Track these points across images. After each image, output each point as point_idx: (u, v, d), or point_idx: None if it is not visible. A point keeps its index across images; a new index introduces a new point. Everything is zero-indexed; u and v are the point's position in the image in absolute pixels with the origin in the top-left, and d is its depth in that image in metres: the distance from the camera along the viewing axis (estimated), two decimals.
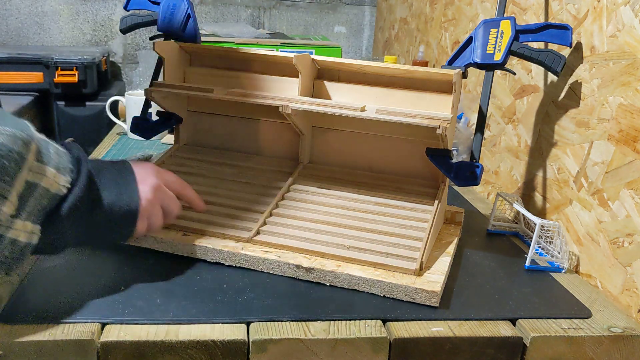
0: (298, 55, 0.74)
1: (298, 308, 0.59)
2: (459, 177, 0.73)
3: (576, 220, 0.78)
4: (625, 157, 0.69)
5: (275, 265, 0.66)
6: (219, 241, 0.69)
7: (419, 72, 0.74)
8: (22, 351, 0.51)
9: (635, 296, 0.66)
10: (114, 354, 0.53)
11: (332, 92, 0.80)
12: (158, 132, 0.86)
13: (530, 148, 0.91)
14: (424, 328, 0.58)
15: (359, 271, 0.64)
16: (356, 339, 0.55)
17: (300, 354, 0.55)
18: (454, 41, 1.28)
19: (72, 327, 0.54)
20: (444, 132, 0.67)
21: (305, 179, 0.80)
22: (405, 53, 1.68)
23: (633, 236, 0.67)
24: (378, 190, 0.78)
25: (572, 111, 0.80)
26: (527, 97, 0.93)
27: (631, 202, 0.68)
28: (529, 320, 0.61)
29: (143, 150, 1.14)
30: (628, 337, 0.60)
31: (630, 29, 0.70)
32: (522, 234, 0.85)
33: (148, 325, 0.55)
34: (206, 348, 0.53)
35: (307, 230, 0.71)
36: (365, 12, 2.16)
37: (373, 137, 0.81)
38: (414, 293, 0.62)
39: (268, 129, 0.85)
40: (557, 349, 0.59)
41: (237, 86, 0.83)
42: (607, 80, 0.73)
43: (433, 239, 0.72)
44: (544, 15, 0.89)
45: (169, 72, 0.82)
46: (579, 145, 0.78)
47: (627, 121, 0.69)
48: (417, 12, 1.57)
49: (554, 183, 0.84)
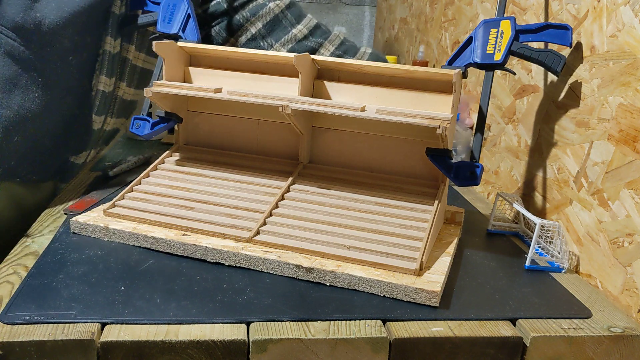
0: (298, 55, 0.74)
1: (298, 308, 0.59)
2: (459, 177, 0.73)
3: (576, 220, 0.78)
4: (625, 157, 0.69)
5: (275, 265, 0.66)
6: (219, 241, 0.69)
7: (419, 72, 0.74)
8: (22, 351, 0.51)
9: (635, 296, 0.66)
10: (114, 354, 0.53)
11: (332, 92, 0.80)
12: (158, 132, 0.86)
13: (530, 148, 0.91)
14: (424, 328, 0.58)
15: (359, 271, 0.64)
16: (356, 339, 0.55)
17: (300, 354, 0.55)
18: (454, 41, 1.28)
19: (72, 327, 0.54)
20: (444, 132, 0.67)
21: (305, 179, 0.80)
22: (405, 53, 1.69)
23: (633, 236, 0.67)
24: (378, 190, 0.78)
25: (572, 111, 0.80)
26: (527, 97, 0.93)
27: (631, 202, 0.68)
28: (529, 320, 0.61)
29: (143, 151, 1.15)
30: (628, 337, 0.60)
31: (630, 28, 0.70)
32: (522, 234, 0.85)
33: (148, 325, 0.55)
34: (206, 348, 0.53)
35: (307, 230, 0.71)
36: (365, 12, 2.16)
37: (373, 137, 0.81)
38: (414, 293, 0.62)
39: (268, 129, 0.85)
40: (557, 349, 0.59)
41: (237, 86, 0.83)
42: (607, 80, 0.73)
43: (433, 239, 0.72)
44: (544, 15, 0.89)
45: (169, 72, 0.82)
46: (579, 145, 0.78)
47: (627, 121, 0.69)
48: (417, 12, 1.57)
49: (554, 183, 0.84)
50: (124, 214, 0.74)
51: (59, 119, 0.88)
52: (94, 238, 0.73)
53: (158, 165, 0.85)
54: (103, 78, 0.90)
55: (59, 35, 0.81)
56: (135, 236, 0.71)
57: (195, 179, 0.81)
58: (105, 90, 0.91)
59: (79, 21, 0.83)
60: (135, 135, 0.86)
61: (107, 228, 0.72)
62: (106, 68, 0.90)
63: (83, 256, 0.67)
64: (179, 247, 0.69)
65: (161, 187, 0.80)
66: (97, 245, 0.70)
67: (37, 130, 0.84)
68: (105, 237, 0.72)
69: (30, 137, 0.84)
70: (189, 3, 0.90)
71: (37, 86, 0.81)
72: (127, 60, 0.95)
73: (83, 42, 0.86)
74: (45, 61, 0.82)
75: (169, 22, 0.89)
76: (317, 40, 0.96)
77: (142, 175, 0.82)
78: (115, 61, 0.92)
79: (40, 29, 0.79)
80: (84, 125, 0.92)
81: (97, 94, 0.90)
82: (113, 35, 0.89)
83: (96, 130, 0.94)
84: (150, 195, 0.78)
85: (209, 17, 1.00)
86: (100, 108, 0.92)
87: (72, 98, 0.88)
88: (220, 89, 0.80)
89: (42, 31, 0.79)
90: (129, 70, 0.96)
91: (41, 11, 0.78)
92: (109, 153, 1.14)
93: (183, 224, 0.72)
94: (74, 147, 0.93)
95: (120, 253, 0.69)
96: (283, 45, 0.94)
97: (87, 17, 0.84)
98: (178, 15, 0.89)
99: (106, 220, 0.74)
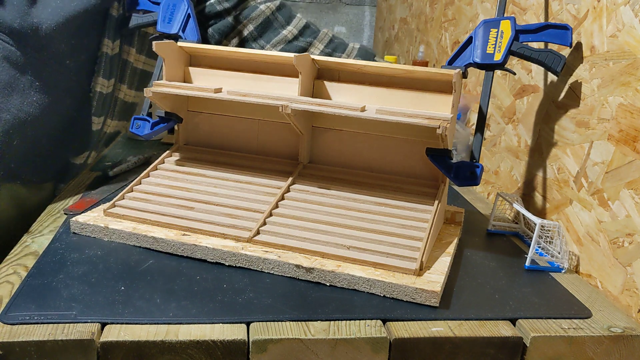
0: (298, 55, 0.74)
1: (298, 308, 0.59)
2: (459, 177, 0.73)
3: (576, 220, 0.78)
4: (625, 157, 0.69)
5: (275, 265, 0.66)
6: (219, 241, 0.69)
7: (419, 72, 0.74)
8: (22, 351, 0.51)
9: (635, 296, 0.66)
10: (114, 354, 0.53)
11: (332, 92, 0.80)
12: (158, 132, 0.86)
13: (530, 148, 0.91)
14: (424, 328, 0.58)
15: (359, 271, 0.64)
16: (356, 339, 0.55)
17: (300, 354, 0.55)
18: (454, 41, 1.28)
19: (72, 327, 0.54)
20: (444, 132, 0.67)
21: (305, 179, 0.80)
22: (405, 53, 1.69)
23: (633, 236, 0.67)
24: (378, 190, 0.78)
25: (572, 111, 0.80)
26: (527, 97, 0.93)
27: (631, 202, 0.68)
28: (529, 320, 0.61)
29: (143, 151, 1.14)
30: (628, 337, 0.60)
31: (630, 28, 0.70)
32: (522, 234, 0.85)
33: (148, 325, 0.55)
34: (206, 348, 0.53)
35: (307, 230, 0.71)
36: (365, 12, 2.16)
37: (373, 137, 0.81)
38: (414, 293, 0.62)
39: (268, 129, 0.85)
40: (557, 349, 0.59)
41: (237, 86, 0.83)
42: (607, 80, 0.73)
43: (433, 239, 0.72)
44: (544, 15, 0.89)
45: (169, 72, 0.82)
46: (579, 145, 0.78)
47: (627, 121, 0.69)
48: (417, 12, 1.57)
49: (554, 183, 0.84)
50: (124, 214, 0.74)
51: (58, 121, 0.88)
52: (94, 238, 0.73)
53: (158, 165, 0.85)
54: (100, 80, 0.90)
55: (55, 39, 0.82)
56: (135, 236, 0.71)
57: (195, 179, 0.81)
58: (103, 91, 0.91)
59: (75, 25, 0.83)
60: (135, 135, 0.86)
61: (107, 228, 0.72)
62: (103, 70, 0.90)
63: (83, 256, 0.67)
64: (179, 247, 0.69)
65: (161, 187, 0.80)
66: (97, 245, 0.70)
67: (36, 133, 0.85)
68: (105, 237, 0.72)
69: (30, 139, 0.84)
70: (189, 3, 0.90)
71: (35, 90, 0.82)
72: (127, 62, 0.95)
73: (80, 44, 0.86)
74: (42, 65, 0.82)
75: (169, 22, 0.89)
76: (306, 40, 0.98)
77: (142, 175, 0.82)
78: (114, 63, 0.92)
79: (38, 34, 0.79)
80: (83, 126, 0.92)
81: (94, 95, 0.91)
82: (111, 37, 0.90)
83: (96, 132, 0.94)
84: (150, 195, 0.78)
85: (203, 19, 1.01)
86: (98, 109, 0.92)
87: (71, 100, 0.89)
88: (220, 89, 0.80)
89: (39, 35, 0.80)
90: (129, 72, 0.96)
91: (38, 16, 0.79)
92: (109, 153, 1.14)
93: (183, 224, 0.72)
94: (74, 149, 0.94)
95: (120, 253, 0.69)
96: (274, 46, 0.96)
97: (84, 21, 0.84)
98: (178, 15, 0.89)
99: (106, 220, 0.74)
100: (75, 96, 0.89)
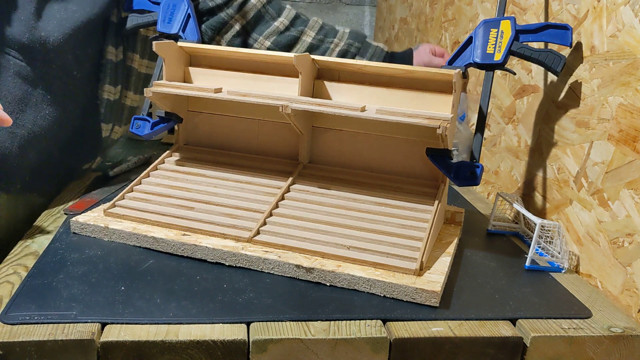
0: (298, 55, 0.74)
1: (298, 308, 0.59)
2: (459, 177, 0.73)
3: (576, 220, 0.78)
4: (625, 157, 0.69)
5: (275, 265, 0.66)
6: (219, 241, 0.69)
7: (419, 72, 0.74)
8: (22, 351, 0.51)
9: (635, 296, 0.66)
10: (114, 354, 0.53)
11: (332, 92, 0.80)
12: (158, 132, 0.86)
13: (530, 148, 0.91)
14: (424, 328, 0.58)
15: (359, 271, 0.64)
16: (356, 339, 0.55)
17: (300, 354, 0.55)
18: (454, 41, 1.28)
19: (72, 327, 0.53)
20: (444, 132, 0.67)
21: (305, 179, 0.80)
22: None
23: (633, 236, 0.67)
24: (378, 190, 0.78)
25: (572, 111, 0.80)
26: (527, 97, 0.93)
27: (631, 202, 0.68)
28: (529, 320, 0.61)
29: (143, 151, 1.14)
30: (628, 337, 0.60)
31: (630, 28, 0.70)
32: (522, 234, 0.85)
33: (148, 325, 0.55)
34: (206, 348, 0.53)
35: (307, 230, 0.71)
36: (365, 12, 2.16)
37: (373, 137, 0.81)
38: (414, 293, 0.62)
39: (268, 129, 0.85)
40: (557, 349, 0.59)
41: (237, 86, 0.83)
42: (607, 80, 0.73)
43: (433, 239, 0.72)
44: (544, 15, 0.89)
45: (169, 72, 0.82)
46: (579, 145, 0.78)
47: (627, 121, 0.69)
48: (417, 12, 1.57)
49: (554, 183, 0.84)
50: (124, 214, 0.74)
51: (70, 131, 0.90)
52: (94, 238, 0.73)
53: (158, 165, 0.85)
54: (107, 87, 0.92)
55: (62, 51, 0.83)
56: (135, 236, 0.71)
57: (195, 179, 0.81)
58: (110, 98, 0.93)
59: (80, 35, 0.84)
60: (135, 135, 0.86)
61: (107, 228, 0.72)
62: (109, 77, 0.92)
63: (83, 256, 0.67)
64: (179, 247, 0.69)
65: (161, 187, 0.80)
66: (97, 245, 0.70)
67: (49, 145, 0.87)
68: (105, 237, 0.72)
69: (44, 152, 0.86)
70: (189, 3, 0.90)
71: (47, 103, 0.84)
72: (132, 69, 0.96)
73: (85, 54, 0.87)
74: (52, 77, 0.84)
75: (169, 22, 0.89)
76: (298, 29, 0.99)
77: (142, 175, 0.82)
78: (119, 69, 0.93)
79: (46, 47, 0.81)
80: (93, 134, 0.94)
81: (102, 103, 0.92)
82: (113, 44, 0.91)
83: (105, 138, 0.96)
84: (150, 195, 0.78)
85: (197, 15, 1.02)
86: (106, 116, 0.94)
87: (81, 110, 0.90)
88: (220, 89, 0.80)
89: (47, 49, 0.81)
90: (134, 78, 0.97)
91: (45, 29, 0.80)
92: (109, 153, 1.14)
93: (183, 224, 0.72)
94: (85, 156, 0.96)
95: (120, 253, 0.69)
96: (267, 38, 0.97)
97: (87, 30, 0.85)
98: (178, 15, 0.89)
99: (106, 220, 0.74)
100: (84, 105, 0.91)
